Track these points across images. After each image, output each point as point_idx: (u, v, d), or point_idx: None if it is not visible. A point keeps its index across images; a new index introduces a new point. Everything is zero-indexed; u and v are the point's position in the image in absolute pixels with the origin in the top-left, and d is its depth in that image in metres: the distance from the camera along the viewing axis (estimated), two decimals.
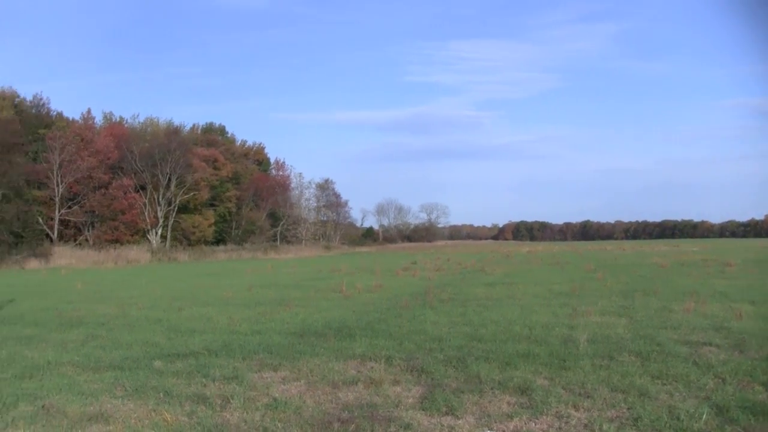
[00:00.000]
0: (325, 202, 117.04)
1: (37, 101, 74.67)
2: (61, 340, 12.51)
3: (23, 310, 18.28)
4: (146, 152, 71.03)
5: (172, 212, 73.32)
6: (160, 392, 8.22)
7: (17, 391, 8.30)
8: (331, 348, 11.18)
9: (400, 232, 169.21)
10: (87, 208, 65.66)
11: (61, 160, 63.05)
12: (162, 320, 15.62)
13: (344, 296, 21.50)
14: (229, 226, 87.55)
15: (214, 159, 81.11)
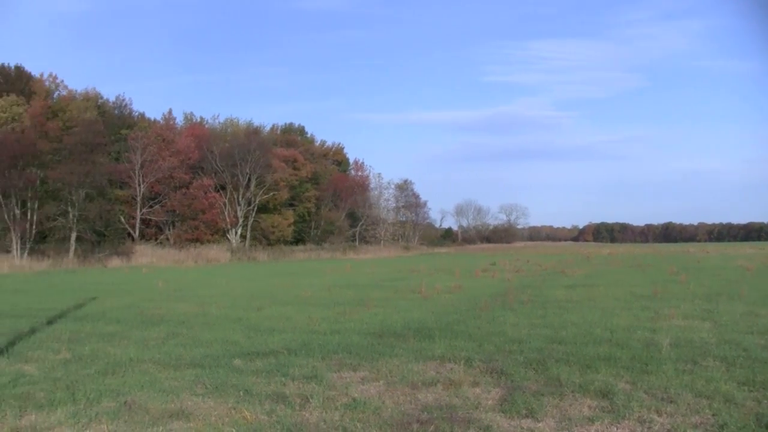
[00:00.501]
0: (404, 202, 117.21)
1: (120, 102, 76.98)
2: (142, 338, 12.78)
3: (106, 308, 18.73)
4: (226, 152, 72.27)
5: (251, 212, 74.35)
6: (240, 390, 8.30)
7: (100, 387, 8.49)
8: (410, 349, 11.14)
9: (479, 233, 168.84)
10: (168, 208, 67.09)
11: (143, 160, 64.66)
12: (241, 319, 15.83)
13: (423, 297, 21.49)
14: (308, 226, 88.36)
15: (293, 159, 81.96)
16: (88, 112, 66.55)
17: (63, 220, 53.66)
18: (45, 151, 54.19)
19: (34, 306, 19.24)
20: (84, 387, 8.44)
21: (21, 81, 68.17)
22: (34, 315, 16.65)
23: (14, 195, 49.96)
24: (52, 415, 7.26)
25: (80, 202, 53.17)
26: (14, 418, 7.17)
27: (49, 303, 20.14)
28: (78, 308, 18.53)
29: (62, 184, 52.96)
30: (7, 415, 7.26)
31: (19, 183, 49.38)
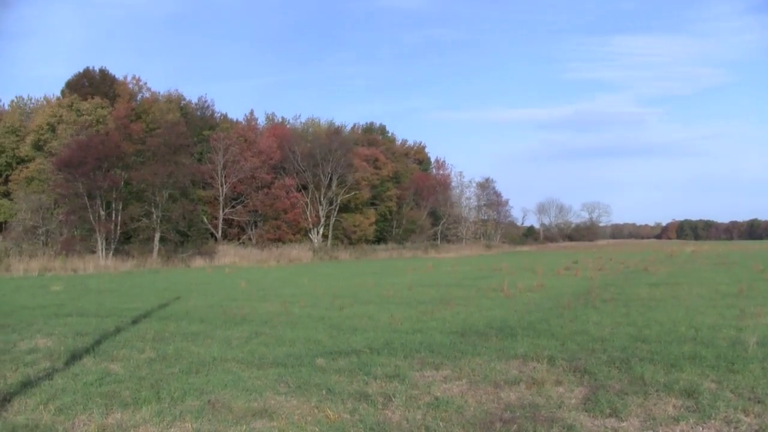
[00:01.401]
0: (485, 201, 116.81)
1: (202, 104, 78.51)
2: (226, 337, 12.94)
3: (189, 307, 19.07)
4: (308, 152, 73.04)
5: (333, 211, 74.96)
6: (323, 389, 8.36)
7: (184, 385, 8.63)
8: (492, 347, 11.13)
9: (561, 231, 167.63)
10: (250, 208, 68.12)
11: (225, 161, 65.84)
12: (324, 318, 15.92)
13: (505, 295, 21.46)
14: (389, 225, 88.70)
15: (374, 158, 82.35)
16: (171, 113, 68.05)
17: (147, 220, 54.94)
18: (129, 153, 55.58)
19: (120, 306, 19.71)
20: (168, 386, 8.59)
21: (105, 84, 70.14)
22: (119, 314, 17.07)
23: (99, 196, 51.40)
24: (138, 414, 7.41)
25: (164, 203, 54.32)
26: (101, 416, 7.35)
27: (134, 303, 20.62)
28: (162, 308, 18.92)
29: (146, 185, 54.17)
30: (94, 413, 7.44)
31: (104, 184, 50.75)
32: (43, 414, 7.44)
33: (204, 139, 68.48)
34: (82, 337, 12.94)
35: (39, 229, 53.39)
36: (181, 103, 74.33)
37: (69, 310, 18.26)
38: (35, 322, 15.58)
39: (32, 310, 18.58)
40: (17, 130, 65.31)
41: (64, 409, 7.60)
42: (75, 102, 62.92)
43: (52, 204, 54.87)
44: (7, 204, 60.55)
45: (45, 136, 60.77)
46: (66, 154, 51.96)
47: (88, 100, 63.47)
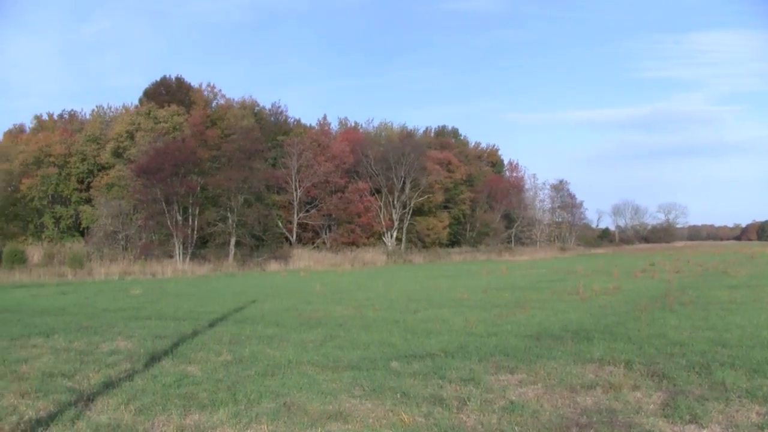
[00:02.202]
0: (559, 203, 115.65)
1: (276, 109, 79.48)
2: (301, 340, 13.03)
3: (265, 311, 19.29)
4: (381, 156, 73.32)
5: (406, 215, 75.02)
6: (398, 393, 8.35)
7: (260, 388, 8.72)
8: (568, 351, 10.99)
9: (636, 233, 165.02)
10: (324, 212, 68.56)
11: (299, 166, 66.45)
12: (398, 321, 15.91)
13: (581, 298, 21.24)
14: (463, 228, 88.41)
15: (447, 161, 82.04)
16: (246, 119, 69.08)
17: (222, 225, 55.78)
18: (205, 159, 56.61)
19: (197, 309, 20.06)
20: (245, 388, 8.70)
21: (181, 92, 71.63)
22: (196, 318, 17.36)
23: (176, 202, 52.47)
24: (215, 415, 7.52)
25: (239, 208, 55.09)
26: (179, 417, 7.49)
27: (211, 306, 20.96)
28: (238, 311, 19.18)
29: (221, 190, 55.09)
30: (172, 414, 7.59)
31: (180, 190, 51.79)
32: (124, 414, 7.61)
33: (278, 145, 69.24)
34: (161, 339, 13.21)
35: (119, 234, 54.79)
36: (255, 109, 75.41)
37: (148, 313, 18.66)
38: (116, 324, 15.96)
39: (113, 312, 19.06)
40: (98, 138, 67.17)
41: (144, 410, 7.76)
42: (152, 110, 64.43)
43: (131, 209, 56.25)
44: (88, 210, 62.27)
45: (124, 144, 62.38)
46: (144, 160, 53.22)
47: (165, 108, 64.93)
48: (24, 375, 9.77)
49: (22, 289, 30.99)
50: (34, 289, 30.87)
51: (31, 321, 16.83)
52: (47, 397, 8.42)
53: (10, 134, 77.08)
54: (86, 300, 24.38)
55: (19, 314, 18.83)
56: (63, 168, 64.89)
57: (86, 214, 62.59)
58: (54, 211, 64.51)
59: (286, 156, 67.17)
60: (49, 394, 8.57)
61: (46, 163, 63.83)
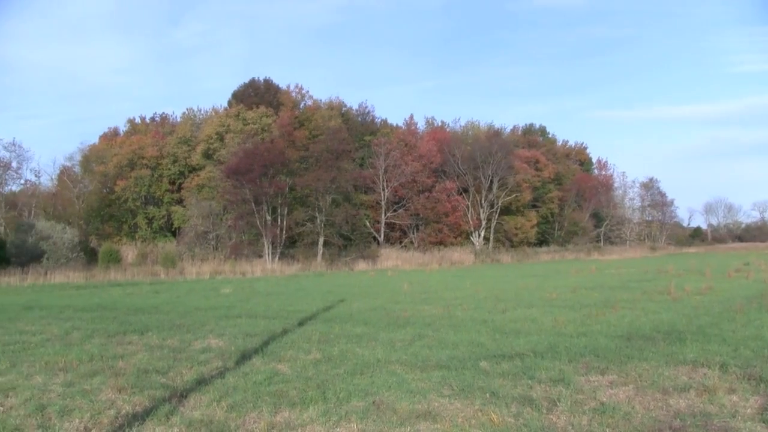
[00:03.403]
0: (649, 201, 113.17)
1: (363, 109, 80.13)
2: (389, 339, 13.07)
3: (353, 310, 19.41)
4: (468, 155, 73.02)
5: (494, 214, 74.53)
6: (487, 393, 8.31)
7: (349, 386, 8.78)
8: (660, 352, 10.77)
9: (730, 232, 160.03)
10: (411, 211, 68.59)
11: (387, 165, 66.77)
12: (487, 321, 15.83)
13: (672, 298, 20.82)
14: (551, 227, 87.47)
15: (535, 160, 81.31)
16: (333, 120, 69.73)
17: (311, 225, 56.37)
18: (293, 160, 57.33)
19: (286, 308, 20.30)
20: (334, 386, 8.77)
21: (270, 93, 72.73)
22: (285, 316, 17.59)
23: (266, 202, 53.25)
24: (305, 413, 7.60)
25: (327, 208, 55.59)
26: (270, 414, 7.60)
27: (300, 305, 21.18)
28: (327, 310, 19.36)
29: (310, 190, 55.69)
30: (263, 411, 7.71)
31: (269, 190, 52.53)
32: (216, 410, 7.77)
33: (365, 145, 69.75)
34: (251, 337, 13.42)
35: (209, 234, 56.05)
36: (342, 109, 76.05)
37: (238, 312, 19.00)
38: (208, 322, 16.30)
39: (205, 311, 19.46)
40: (188, 140, 68.91)
41: (236, 407, 7.90)
42: (241, 112, 65.64)
43: (221, 210, 57.44)
44: (180, 211, 63.92)
45: (214, 145, 63.76)
46: (234, 161, 54.23)
47: (254, 110, 66.06)
48: (120, 371, 10.07)
49: (118, 288, 31.92)
50: (128, 288, 31.79)
51: (126, 319, 17.34)
52: (143, 392, 8.65)
53: (105, 137, 79.71)
54: (178, 299, 24.97)
55: (115, 312, 19.40)
56: (155, 170, 66.78)
57: (178, 215, 64.26)
58: (147, 212, 66.47)
59: (373, 156, 67.68)
60: (145, 389, 8.80)
61: (139, 165, 65.81)
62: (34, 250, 47.02)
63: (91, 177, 68.18)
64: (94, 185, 67.30)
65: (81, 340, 13.35)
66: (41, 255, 46.74)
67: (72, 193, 67.10)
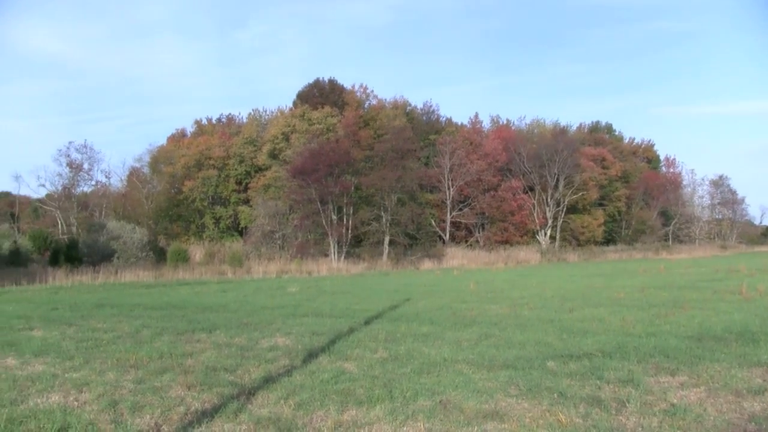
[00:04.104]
0: (719, 199, 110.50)
1: (427, 108, 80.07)
2: (455, 338, 13.02)
3: (419, 309, 19.39)
4: (533, 154, 72.42)
5: (560, 212, 73.77)
6: (554, 393, 8.25)
7: (416, 385, 8.76)
8: (732, 353, 10.56)
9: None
10: (477, 210, 68.42)
11: (452, 164, 66.70)
12: (553, 321, 15.70)
13: (744, 298, 20.42)
14: (618, 226, 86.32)
15: (602, 158, 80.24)
16: (398, 119, 69.81)
17: (376, 224, 56.60)
18: (358, 159, 57.70)
19: (352, 307, 20.38)
20: (400, 385, 8.76)
21: (335, 93, 73.21)
22: (352, 315, 17.64)
23: (331, 201, 53.65)
24: (371, 412, 7.62)
25: (392, 207, 55.73)
26: (337, 412, 7.64)
27: (366, 304, 21.25)
28: (393, 309, 19.37)
29: (375, 189, 55.90)
30: (330, 409, 7.75)
31: (335, 190, 52.90)
32: (283, 408, 7.84)
33: (430, 144, 69.79)
34: (318, 336, 13.50)
35: (276, 233, 56.61)
36: (406, 108, 76.07)
37: (305, 311, 19.12)
38: (275, 321, 16.43)
39: (271, 310, 19.64)
40: (254, 140, 69.80)
41: (303, 405, 7.95)
42: (306, 112, 66.24)
43: (287, 210, 58.00)
44: (246, 210, 64.79)
45: (279, 146, 64.46)
46: (299, 161, 54.74)
47: (319, 110, 66.63)
48: (189, 368, 10.22)
49: (186, 287, 32.44)
50: (196, 287, 32.28)
51: (194, 317, 17.59)
52: (211, 390, 8.77)
53: (172, 139, 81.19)
54: (245, 297, 25.25)
55: (183, 310, 19.70)
56: (222, 170, 67.79)
57: (244, 215, 65.16)
58: (214, 212, 67.54)
59: (438, 155, 67.64)
60: (213, 387, 8.92)
61: (206, 165, 66.91)
62: (105, 249, 48.18)
63: (159, 178, 69.66)
64: (163, 186, 68.71)
65: (151, 337, 13.59)
66: (112, 254, 47.88)
67: (141, 194, 68.65)
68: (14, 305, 22.08)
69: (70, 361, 10.96)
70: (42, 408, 7.97)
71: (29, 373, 10.06)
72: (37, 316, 18.06)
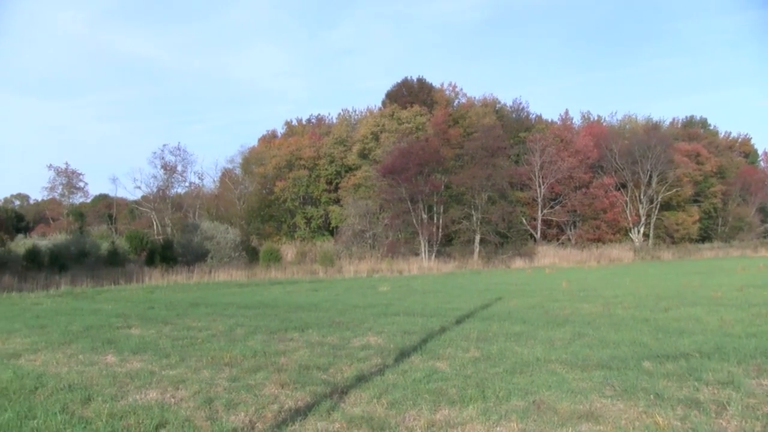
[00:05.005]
0: None
1: (517, 106, 79.59)
2: (548, 338, 12.87)
3: (511, 308, 19.24)
4: (625, 150, 71.00)
5: (654, 210, 72.16)
6: (651, 394, 8.08)
7: (509, 385, 8.69)
8: None
9: None
10: (568, 208, 67.54)
11: (542, 162, 66.01)
12: (648, 320, 15.40)
13: None
14: (714, 223, 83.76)
15: (696, 153, 78.05)
16: (487, 117, 69.49)
17: (467, 223, 56.47)
18: (448, 158, 57.65)
19: (443, 306, 20.36)
20: (493, 385, 8.70)
21: (423, 92, 73.32)
22: (443, 314, 17.61)
23: (421, 200, 53.73)
24: (464, 411, 7.59)
25: (483, 205, 55.54)
26: (429, 412, 7.63)
27: (457, 303, 21.20)
28: (484, 308, 19.27)
29: (465, 188, 55.80)
30: (422, 409, 7.74)
31: (425, 189, 52.96)
32: (376, 407, 7.87)
33: (520, 141, 69.24)
34: (410, 335, 13.51)
35: (366, 232, 57.00)
36: (496, 106, 75.75)
37: (396, 310, 19.16)
38: (366, 320, 16.53)
39: (363, 309, 19.75)
40: (344, 140, 70.40)
41: (396, 404, 7.97)
42: (395, 111, 66.44)
43: (377, 209, 58.34)
44: (337, 210, 65.43)
45: (369, 145, 64.86)
46: (389, 161, 55.00)
47: (408, 109, 66.77)
48: (283, 367, 10.35)
49: (278, 286, 32.93)
50: (288, 286, 32.73)
51: (287, 316, 17.84)
52: (304, 388, 8.87)
53: (263, 140, 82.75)
54: (337, 296, 25.50)
55: (276, 309, 20.00)
56: (312, 170, 68.64)
57: (335, 214, 65.80)
58: (305, 212, 68.41)
59: (528, 152, 67.07)
60: (306, 385, 9.02)
61: (296, 166, 67.83)
62: (199, 249, 49.36)
63: (251, 178, 70.99)
64: (254, 186, 70.01)
65: (244, 336, 13.84)
66: (206, 254, 49.01)
67: (233, 195, 70.09)
68: (113, 304, 22.83)
69: (167, 358, 11.26)
70: (141, 404, 8.20)
71: (128, 370, 10.37)
72: (134, 315, 18.63)
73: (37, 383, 9.38)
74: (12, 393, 8.84)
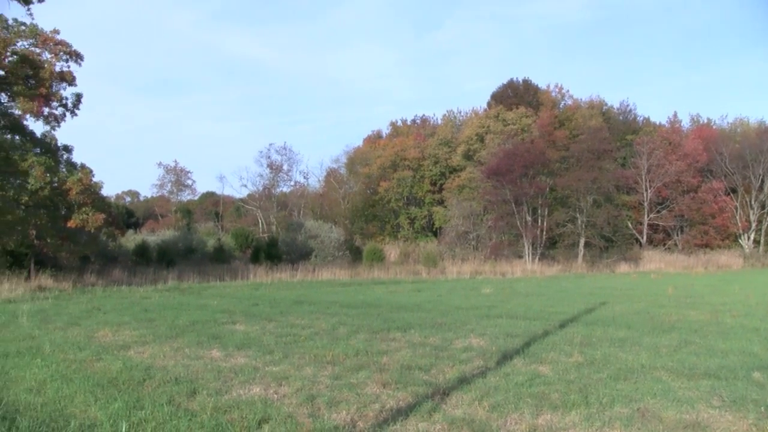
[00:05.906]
0: None
1: (624, 108, 77.94)
2: (653, 344, 12.61)
3: (615, 313, 18.93)
4: (736, 154, 68.55)
5: (765, 216, 69.46)
6: (761, 406, 7.85)
7: (612, 392, 8.57)
8: None
9: None
10: (676, 213, 65.74)
11: (649, 165, 64.48)
12: (759, 329, 14.99)
13: None
14: None
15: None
16: (593, 119, 68.34)
17: (572, 226, 55.64)
18: (553, 160, 56.90)
19: (546, 309, 20.18)
20: (596, 391, 8.60)
21: (529, 93, 72.66)
22: (546, 318, 17.46)
23: (526, 203, 53.25)
24: (567, 417, 7.53)
25: (588, 209, 54.61)
26: (531, 416, 7.59)
27: (560, 306, 20.98)
28: (588, 312, 19.00)
29: (570, 191, 54.92)
30: (525, 413, 7.71)
31: (530, 191, 52.46)
32: (478, 410, 7.86)
33: (627, 144, 67.83)
34: (512, 338, 13.44)
35: (470, 234, 56.85)
36: (602, 108, 74.39)
37: (499, 312, 19.09)
38: (468, 321, 16.50)
39: (465, 310, 19.74)
40: (449, 141, 70.32)
41: (497, 407, 7.95)
42: (501, 113, 66.11)
43: (481, 210, 58.10)
44: (441, 211, 65.40)
45: (474, 146, 64.70)
46: (493, 162, 54.79)
47: (513, 110, 66.33)
48: (384, 366, 10.45)
49: (381, 286, 33.18)
50: (391, 286, 32.95)
51: (389, 316, 17.96)
52: (406, 388, 8.93)
53: (368, 140, 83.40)
54: (439, 297, 25.52)
55: (378, 309, 20.15)
56: (417, 171, 68.77)
57: (438, 215, 65.79)
58: (409, 212, 68.63)
59: (635, 155, 65.66)
60: (408, 385, 9.08)
61: (401, 166, 68.10)
62: (303, 247, 50.14)
63: (355, 178, 71.66)
64: (359, 186, 70.62)
65: (347, 335, 14.01)
66: (310, 252, 49.74)
67: (337, 194, 70.93)
68: (218, 300, 23.43)
69: (270, 355, 11.50)
70: (244, 399, 8.42)
71: (232, 365, 10.65)
72: (239, 311, 19.08)
73: (145, 375, 9.75)
74: (121, 383, 9.22)
